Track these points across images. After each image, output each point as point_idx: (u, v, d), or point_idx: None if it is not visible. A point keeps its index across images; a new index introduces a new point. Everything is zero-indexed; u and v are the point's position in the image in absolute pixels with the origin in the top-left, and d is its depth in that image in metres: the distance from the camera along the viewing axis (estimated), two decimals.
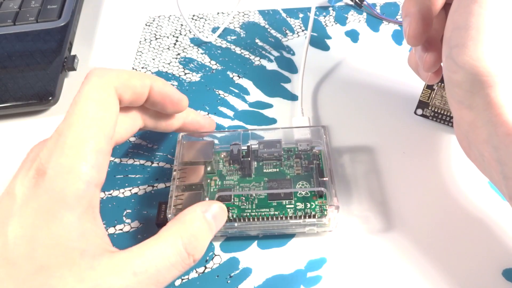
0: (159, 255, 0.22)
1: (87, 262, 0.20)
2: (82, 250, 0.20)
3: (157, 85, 0.26)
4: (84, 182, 0.21)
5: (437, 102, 0.33)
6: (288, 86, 0.39)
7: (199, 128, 0.31)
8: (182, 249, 0.22)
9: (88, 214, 0.21)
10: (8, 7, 0.43)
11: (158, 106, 0.27)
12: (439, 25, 0.28)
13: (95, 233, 0.22)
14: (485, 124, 0.22)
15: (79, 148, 0.21)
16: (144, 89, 0.25)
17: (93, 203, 0.22)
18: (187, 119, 0.30)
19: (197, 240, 0.23)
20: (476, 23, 0.21)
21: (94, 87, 0.23)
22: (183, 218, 0.24)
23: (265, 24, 0.45)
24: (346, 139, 0.34)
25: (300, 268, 0.27)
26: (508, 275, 0.26)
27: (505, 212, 0.29)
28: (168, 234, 0.23)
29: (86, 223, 0.21)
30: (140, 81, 0.25)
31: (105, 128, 0.23)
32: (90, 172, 0.21)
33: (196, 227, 0.24)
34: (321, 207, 0.28)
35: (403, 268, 0.27)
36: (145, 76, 0.26)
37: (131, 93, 0.25)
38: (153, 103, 0.26)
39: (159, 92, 0.26)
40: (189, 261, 0.23)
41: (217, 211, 0.25)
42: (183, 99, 0.27)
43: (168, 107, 0.27)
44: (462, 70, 0.22)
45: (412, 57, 0.31)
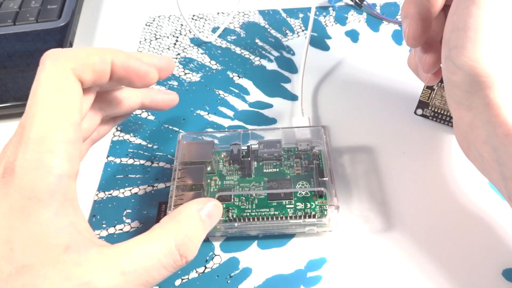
0: (150, 254, 0.21)
1: (73, 258, 0.19)
2: (66, 246, 0.19)
3: (119, 59, 0.23)
4: (55, 176, 0.20)
5: (437, 102, 0.33)
6: (288, 86, 0.39)
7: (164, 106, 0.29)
8: (174, 250, 0.21)
9: (65, 207, 0.20)
10: (8, 7, 0.43)
11: (124, 81, 0.24)
12: (439, 27, 0.28)
13: (77, 227, 0.20)
14: (484, 125, 0.22)
15: (44, 140, 0.20)
16: (105, 65, 0.23)
17: (69, 196, 0.21)
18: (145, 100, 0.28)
19: (191, 241, 0.22)
20: (475, 25, 0.21)
21: (50, 73, 0.21)
22: (177, 217, 0.23)
23: (265, 24, 0.45)
24: (346, 139, 0.34)
25: (300, 268, 0.27)
26: (508, 275, 0.26)
27: (505, 212, 0.29)
28: (160, 233, 0.22)
29: (64, 217, 0.20)
30: (99, 58, 0.23)
31: (70, 115, 0.21)
32: (60, 164, 0.20)
33: (190, 227, 0.22)
34: (321, 207, 0.28)
35: (403, 268, 0.27)
36: (105, 52, 0.23)
37: (92, 72, 0.23)
38: (118, 78, 0.24)
39: (122, 67, 0.23)
40: (181, 263, 0.22)
41: (212, 209, 0.24)
42: (150, 71, 0.25)
43: (135, 81, 0.24)
44: (461, 71, 0.22)
45: (412, 59, 0.31)
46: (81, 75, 0.22)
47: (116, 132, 0.36)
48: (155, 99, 0.29)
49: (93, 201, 0.31)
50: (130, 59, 0.24)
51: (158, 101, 0.29)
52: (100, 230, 0.30)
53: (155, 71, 0.25)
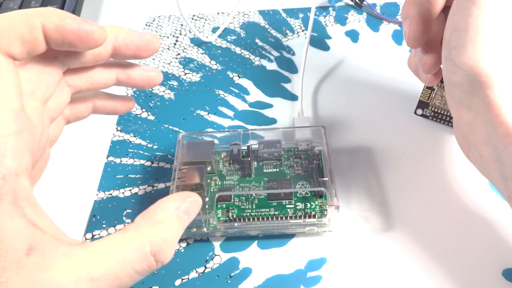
0: (122, 260, 0.19)
1: (37, 262, 0.18)
2: (28, 249, 0.18)
3: (51, 21, 0.20)
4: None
5: (437, 102, 0.33)
6: (288, 86, 0.39)
7: (138, 51, 0.24)
8: (149, 256, 0.20)
9: (19, 207, 0.18)
10: (8, 7, 0.43)
11: (65, 46, 0.21)
12: (439, 28, 0.28)
13: (38, 225, 0.19)
14: (484, 125, 0.22)
15: None
16: (35, 32, 0.19)
17: (21, 194, 0.18)
18: (117, 42, 0.23)
19: (168, 245, 0.20)
20: (475, 25, 0.21)
21: None
22: (154, 217, 0.21)
23: (265, 24, 0.45)
24: (346, 139, 0.34)
25: (300, 268, 0.27)
26: (508, 275, 0.26)
27: (505, 212, 0.29)
28: (135, 236, 0.20)
29: (21, 218, 0.18)
30: (26, 25, 0.19)
31: (5, 103, 0.18)
32: (4, 163, 0.18)
33: (168, 229, 0.20)
34: (321, 207, 0.28)
35: (403, 268, 0.27)
36: (32, 15, 0.20)
37: (20, 43, 0.19)
38: (56, 44, 0.20)
39: (55, 30, 0.20)
40: (156, 267, 0.20)
41: (191, 205, 0.22)
42: (94, 30, 0.21)
43: (78, 44, 0.21)
44: (461, 71, 0.22)
45: (412, 59, 0.31)
46: (8, 49, 0.19)
47: (116, 132, 0.36)
48: (132, 75, 0.25)
49: (93, 201, 0.31)
50: (65, 19, 0.20)
51: (136, 78, 0.25)
52: (100, 230, 0.30)
53: (101, 30, 0.21)
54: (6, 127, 0.18)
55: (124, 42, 0.23)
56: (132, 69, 0.25)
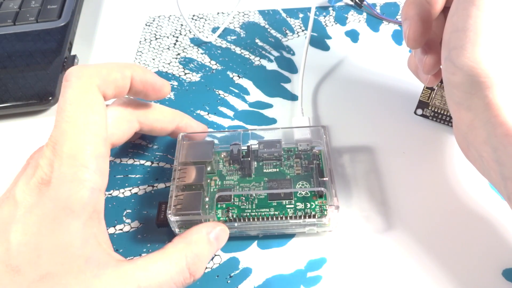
0: (163, 271, 0.22)
1: (92, 271, 0.20)
2: (87, 258, 0.20)
3: (138, 74, 0.26)
4: (88, 189, 0.21)
5: (437, 102, 0.33)
6: (288, 86, 0.39)
7: (193, 135, 0.31)
8: (185, 268, 0.23)
9: (93, 220, 0.21)
10: (8, 7, 0.43)
11: (141, 95, 0.27)
12: (439, 28, 0.28)
13: (99, 239, 0.22)
14: (484, 125, 0.22)
15: (78, 155, 0.21)
16: (126, 80, 0.25)
17: (98, 208, 0.22)
18: (181, 123, 0.30)
19: (200, 261, 0.24)
20: (474, 26, 0.22)
21: (77, 90, 0.23)
22: (189, 238, 0.24)
23: (265, 24, 0.45)
24: (346, 139, 0.34)
25: (300, 268, 0.27)
26: (508, 275, 0.26)
27: (505, 212, 0.29)
28: (173, 251, 0.23)
29: (90, 229, 0.21)
30: (120, 74, 0.25)
31: (98, 131, 0.23)
32: (93, 178, 0.21)
33: (200, 248, 0.24)
34: (321, 207, 0.28)
35: (403, 268, 0.27)
36: (125, 67, 0.25)
37: (114, 87, 0.24)
38: (135, 92, 0.26)
39: (140, 81, 0.26)
40: (189, 281, 0.23)
41: (220, 233, 0.26)
42: (165, 85, 0.27)
43: (150, 94, 0.27)
44: (460, 72, 0.22)
45: (412, 60, 0.31)
46: (104, 90, 0.24)
47: None
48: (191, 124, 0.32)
49: None
50: (147, 73, 0.26)
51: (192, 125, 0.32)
52: None
53: (169, 85, 0.28)
54: (98, 150, 0.22)
55: (185, 125, 0.32)
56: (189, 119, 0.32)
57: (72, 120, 0.22)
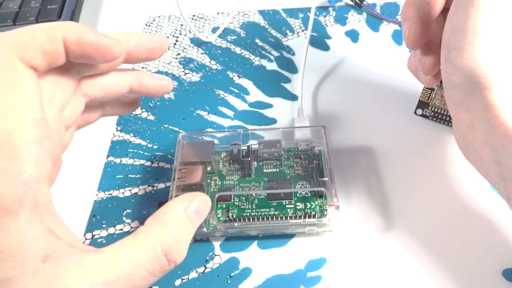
0: (135, 262, 0.19)
1: (53, 269, 0.18)
2: (44, 256, 0.18)
3: (72, 35, 0.20)
4: (22, 183, 0.18)
5: (437, 102, 0.33)
6: (288, 86, 0.39)
7: (149, 54, 0.25)
8: (161, 255, 0.20)
9: (39, 214, 0.19)
10: (8, 7, 0.43)
11: (83, 59, 0.22)
12: (438, 29, 0.28)
13: (56, 233, 0.19)
14: (483, 126, 0.22)
15: (4, 146, 0.18)
16: (56, 44, 0.20)
17: (42, 201, 0.19)
18: (129, 47, 0.24)
19: (179, 244, 0.21)
20: (474, 26, 0.22)
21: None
22: (163, 218, 0.21)
23: (265, 24, 0.45)
24: (346, 139, 0.34)
25: (300, 268, 0.27)
26: (508, 275, 0.26)
27: (505, 212, 0.29)
28: (145, 238, 0.20)
29: (39, 224, 0.19)
30: (47, 37, 0.20)
31: (28, 113, 0.19)
32: (26, 169, 0.18)
33: (178, 229, 0.21)
34: (321, 207, 0.28)
35: (403, 268, 0.27)
36: (53, 28, 0.20)
37: (42, 55, 0.20)
38: (75, 57, 0.21)
39: (75, 43, 0.21)
40: (169, 267, 0.20)
41: (200, 205, 0.22)
42: (112, 44, 0.22)
43: (96, 57, 0.22)
44: (460, 73, 0.22)
45: (412, 61, 0.31)
46: (30, 61, 0.19)
47: (116, 132, 0.36)
48: (145, 83, 0.26)
49: (93, 201, 0.31)
50: (84, 32, 0.21)
51: (149, 86, 0.26)
52: (100, 230, 0.30)
53: (118, 44, 0.22)
54: (29, 135, 0.19)
55: (136, 46, 0.24)
56: (145, 77, 0.26)
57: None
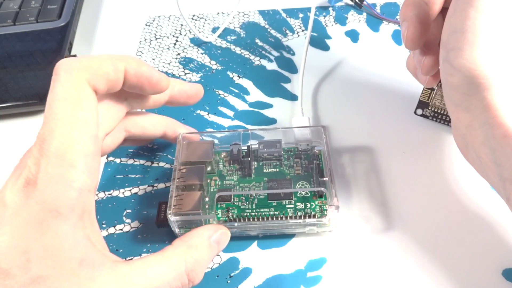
0: (161, 276, 0.21)
1: (87, 273, 0.20)
2: (81, 260, 0.20)
3: (132, 67, 0.24)
4: (76, 190, 0.20)
5: (437, 102, 0.33)
6: (288, 86, 0.39)
7: (188, 99, 0.29)
8: (184, 274, 0.22)
9: (83, 221, 0.21)
10: (8, 7, 0.43)
11: (136, 88, 0.25)
12: (437, 29, 0.28)
13: (92, 240, 0.21)
14: (482, 126, 0.22)
15: (65, 154, 0.20)
16: (118, 74, 0.23)
17: (88, 209, 0.21)
18: (173, 91, 0.28)
19: (200, 267, 0.23)
20: (472, 27, 0.22)
21: (66, 85, 0.21)
22: (190, 241, 0.24)
23: (265, 24, 0.45)
24: (346, 139, 0.34)
25: (300, 268, 0.27)
26: (508, 275, 0.26)
27: (505, 212, 0.29)
28: (172, 255, 0.22)
29: (81, 230, 0.20)
30: (112, 67, 0.23)
31: (88, 128, 0.21)
32: (81, 178, 0.21)
33: (200, 253, 0.23)
34: (321, 207, 0.28)
35: (403, 268, 0.27)
36: (117, 59, 0.23)
37: (105, 82, 0.23)
38: (130, 86, 0.24)
39: (134, 75, 0.24)
40: (187, 287, 0.23)
41: (221, 236, 0.25)
42: (162, 78, 0.25)
43: (147, 88, 0.25)
44: (459, 73, 0.22)
45: (411, 61, 0.31)
46: (95, 85, 0.22)
47: None
48: (177, 131, 0.31)
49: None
50: (142, 66, 0.24)
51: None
52: (100, 230, 0.30)
53: (167, 79, 0.26)
54: (87, 148, 0.21)
55: (179, 91, 0.29)
56: (179, 127, 0.31)
57: (60, 117, 0.21)
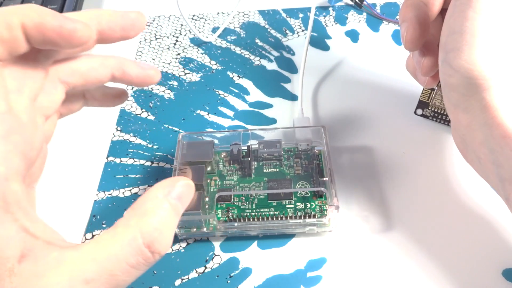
0: (115, 257, 0.18)
1: (30, 269, 0.17)
2: (20, 256, 0.17)
3: (31, 20, 0.19)
4: None
5: (437, 102, 0.33)
6: (288, 86, 0.39)
7: (124, 32, 0.23)
8: (143, 248, 0.19)
9: (10, 213, 0.18)
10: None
11: (48, 45, 0.20)
12: (436, 30, 0.28)
13: (32, 231, 0.18)
14: (481, 127, 0.22)
15: None
16: (14, 31, 0.19)
17: (12, 199, 0.18)
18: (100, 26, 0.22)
19: (162, 234, 0.19)
20: (471, 28, 0.22)
21: None
22: (142, 208, 0.19)
23: (265, 24, 0.45)
24: (346, 139, 0.34)
25: (300, 268, 0.27)
26: (508, 275, 0.26)
27: (505, 212, 0.29)
28: (124, 230, 0.19)
29: (12, 224, 0.18)
30: (3, 24, 0.19)
31: None
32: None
33: (159, 218, 0.19)
34: (321, 207, 0.28)
35: (403, 268, 0.27)
36: (10, 13, 0.19)
37: (0, 44, 0.19)
38: (38, 43, 0.19)
39: (35, 28, 0.19)
40: (153, 259, 0.19)
41: (182, 190, 0.20)
42: (78, 28, 0.19)
43: (61, 43, 0.20)
44: (457, 74, 0.22)
45: (410, 62, 0.31)
46: None
47: (116, 132, 0.36)
48: (128, 72, 0.24)
49: (93, 201, 0.31)
50: (46, 16, 0.19)
51: (132, 75, 0.24)
52: (100, 230, 0.30)
53: (86, 27, 0.20)
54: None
55: (108, 24, 0.22)
56: (128, 65, 0.24)
57: None
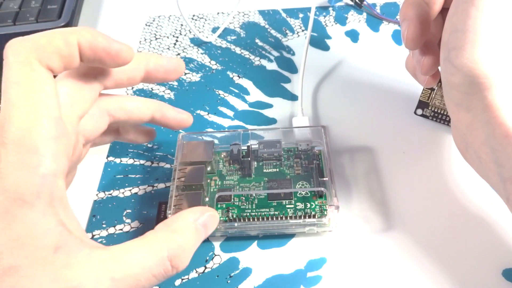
0: (141, 262, 0.20)
1: (62, 260, 0.19)
2: (56, 247, 0.19)
3: (85, 39, 0.22)
4: (40, 176, 0.19)
5: (437, 102, 0.33)
6: (288, 86, 0.39)
7: (167, 74, 0.27)
8: (166, 260, 0.21)
9: (53, 207, 0.20)
10: (8, 7, 0.43)
11: (96, 62, 0.23)
12: (437, 29, 0.28)
13: (67, 226, 0.20)
14: (483, 126, 0.22)
15: (24, 140, 0.19)
16: (71, 48, 0.22)
17: (57, 195, 0.20)
18: (148, 66, 0.26)
19: (184, 252, 0.22)
20: (474, 26, 0.22)
21: (15, 68, 0.20)
22: (173, 225, 0.22)
23: (265, 24, 0.45)
24: (346, 139, 0.34)
25: (300, 268, 0.27)
26: (508, 275, 0.26)
27: (504, 212, 0.29)
28: (154, 241, 0.21)
29: (53, 217, 0.20)
30: (63, 41, 0.21)
31: (46, 110, 0.20)
32: (44, 163, 0.19)
33: (185, 238, 0.22)
34: (321, 207, 0.28)
35: (403, 268, 0.27)
36: (68, 33, 0.22)
37: (59, 58, 0.21)
38: (89, 60, 0.23)
39: (89, 47, 0.22)
40: (171, 273, 0.21)
41: (209, 219, 0.24)
42: (123, 49, 0.23)
43: (107, 61, 0.23)
44: (459, 73, 0.22)
45: (410, 61, 0.31)
46: (48, 63, 0.21)
47: None
48: (166, 115, 0.29)
49: (93, 201, 0.31)
50: (97, 37, 0.22)
51: (169, 118, 0.29)
52: (100, 230, 0.30)
53: (129, 49, 0.23)
54: (47, 131, 0.20)
55: (155, 66, 0.27)
56: (167, 109, 0.29)
57: (14, 103, 0.20)
